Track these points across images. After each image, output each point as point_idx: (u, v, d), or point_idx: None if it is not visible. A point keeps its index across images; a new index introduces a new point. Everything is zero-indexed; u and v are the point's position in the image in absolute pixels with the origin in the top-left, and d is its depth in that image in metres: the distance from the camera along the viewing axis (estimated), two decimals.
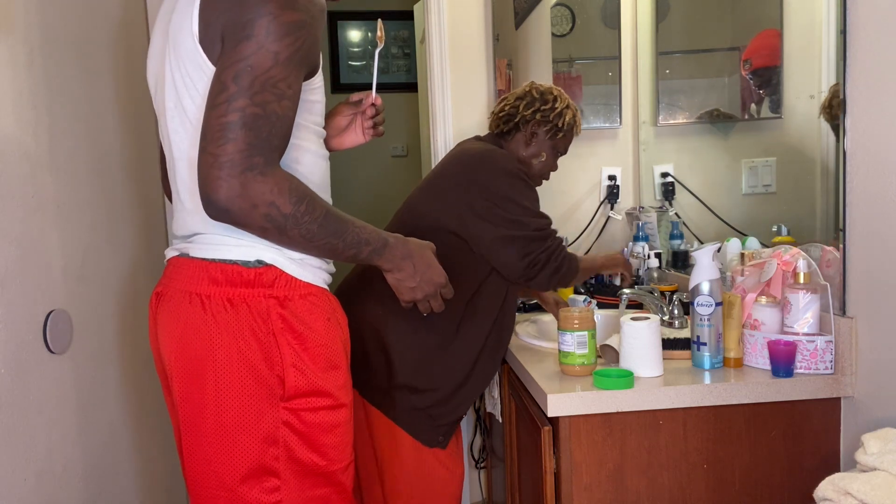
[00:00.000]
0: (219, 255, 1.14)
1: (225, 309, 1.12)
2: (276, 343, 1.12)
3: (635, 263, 2.29)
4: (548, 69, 2.45)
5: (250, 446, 1.13)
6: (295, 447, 1.15)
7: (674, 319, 1.84)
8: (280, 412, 1.13)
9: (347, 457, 1.24)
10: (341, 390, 1.21)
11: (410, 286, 1.27)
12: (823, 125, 1.51)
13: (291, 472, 1.15)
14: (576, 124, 1.85)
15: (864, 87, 1.29)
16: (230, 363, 1.11)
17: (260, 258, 1.14)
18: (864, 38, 1.28)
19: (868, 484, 1.01)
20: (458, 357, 1.70)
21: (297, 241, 1.09)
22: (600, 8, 2.45)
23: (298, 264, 1.17)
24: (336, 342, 1.21)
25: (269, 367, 1.12)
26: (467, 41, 2.46)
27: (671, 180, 2.29)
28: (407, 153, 5.39)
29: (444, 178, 1.74)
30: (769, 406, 1.37)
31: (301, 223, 1.06)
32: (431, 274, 1.28)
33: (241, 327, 1.11)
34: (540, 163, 1.83)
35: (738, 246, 1.79)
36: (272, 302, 1.13)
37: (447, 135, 2.47)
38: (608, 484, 1.36)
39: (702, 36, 2.17)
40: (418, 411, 1.68)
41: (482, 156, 1.72)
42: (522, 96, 1.82)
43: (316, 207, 1.08)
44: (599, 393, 1.33)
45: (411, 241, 1.27)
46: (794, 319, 1.38)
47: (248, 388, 1.12)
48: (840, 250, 1.37)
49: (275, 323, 1.13)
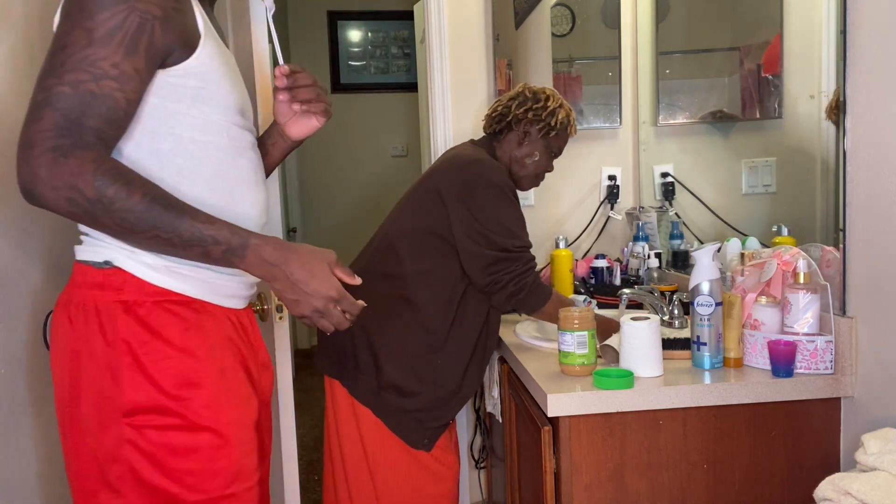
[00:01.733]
0: (78, 255, 1.10)
1: (77, 312, 1.06)
2: (117, 352, 1.04)
3: (635, 263, 2.29)
4: (548, 69, 2.45)
5: (93, 463, 1.06)
6: (140, 468, 1.05)
7: (674, 319, 1.84)
8: (123, 428, 1.04)
9: (216, 489, 1.09)
10: (203, 411, 1.08)
11: (291, 298, 1.08)
12: (823, 125, 1.51)
13: (137, 494, 1.05)
14: (570, 124, 1.83)
15: (864, 88, 1.29)
16: (79, 370, 1.05)
17: (108, 258, 1.06)
18: (864, 39, 1.28)
19: (868, 484, 1.01)
20: (449, 361, 1.71)
21: (119, 232, 0.99)
22: (600, 8, 2.45)
23: (152, 267, 1.07)
24: (196, 357, 1.08)
25: (112, 378, 1.04)
26: (467, 41, 2.46)
27: (671, 180, 2.29)
28: (407, 153, 5.39)
29: (434, 183, 1.74)
30: (769, 406, 1.37)
31: (112, 210, 0.96)
32: (317, 285, 1.07)
33: (90, 333, 1.05)
34: (533, 162, 1.82)
35: (738, 246, 1.79)
36: (118, 307, 1.05)
37: (447, 135, 2.47)
38: (608, 484, 1.36)
39: (702, 36, 2.17)
40: (406, 413, 1.68)
41: (472, 164, 1.71)
42: (515, 96, 1.83)
43: (133, 193, 0.96)
44: (599, 393, 1.33)
45: (294, 246, 1.08)
46: (794, 319, 1.38)
47: (91, 397, 1.05)
48: (840, 250, 1.37)
49: (120, 330, 1.04)
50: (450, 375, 1.71)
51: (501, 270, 1.65)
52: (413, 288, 1.69)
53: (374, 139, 5.36)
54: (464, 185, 1.68)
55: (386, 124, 5.38)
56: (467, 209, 1.66)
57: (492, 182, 1.67)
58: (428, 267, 1.70)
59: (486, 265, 1.65)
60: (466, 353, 1.73)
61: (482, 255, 1.65)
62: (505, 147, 1.82)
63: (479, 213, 1.65)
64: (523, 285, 1.66)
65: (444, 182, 1.71)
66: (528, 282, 1.67)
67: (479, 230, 1.65)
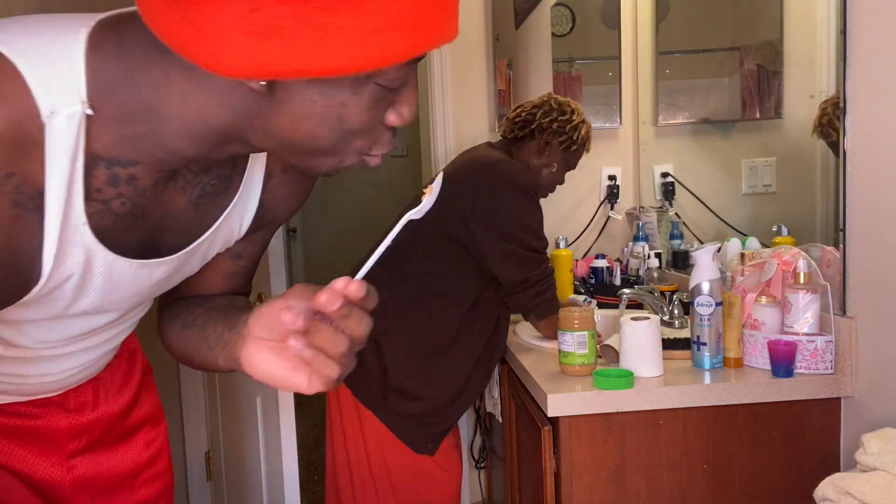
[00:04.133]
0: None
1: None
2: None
3: (635, 263, 2.29)
4: (548, 69, 2.45)
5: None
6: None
7: (674, 319, 1.84)
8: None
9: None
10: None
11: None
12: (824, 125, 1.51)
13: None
14: (589, 140, 1.84)
15: (864, 88, 1.29)
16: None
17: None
18: (864, 39, 1.28)
19: (868, 484, 1.01)
20: (454, 366, 1.70)
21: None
22: (600, 8, 2.45)
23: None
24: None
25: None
26: (467, 41, 2.46)
27: (671, 180, 2.29)
28: (407, 153, 5.39)
29: (452, 185, 1.66)
30: (769, 406, 1.37)
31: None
32: None
33: None
34: (550, 173, 1.82)
35: (738, 246, 1.79)
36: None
37: (447, 135, 2.47)
38: (608, 484, 1.36)
39: (702, 36, 2.17)
40: (410, 417, 1.68)
41: (494, 166, 1.69)
42: (540, 105, 1.80)
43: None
44: (599, 393, 1.33)
45: None
46: (794, 319, 1.38)
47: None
48: (840, 250, 1.37)
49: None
50: (454, 380, 1.71)
51: (532, 270, 1.66)
52: (422, 289, 1.68)
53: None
54: (491, 185, 1.66)
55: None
56: (496, 208, 1.64)
57: (517, 184, 1.67)
58: (439, 269, 1.69)
59: (518, 262, 1.65)
60: (472, 359, 1.72)
61: (514, 253, 1.64)
62: (524, 154, 1.81)
63: (507, 213, 1.64)
64: (549, 286, 1.68)
65: (465, 185, 1.67)
66: (552, 283, 1.69)
67: (508, 230, 1.64)
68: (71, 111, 0.61)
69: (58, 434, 0.96)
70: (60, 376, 0.90)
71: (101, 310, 0.78)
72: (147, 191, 0.69)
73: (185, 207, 0.76)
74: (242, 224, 0.84)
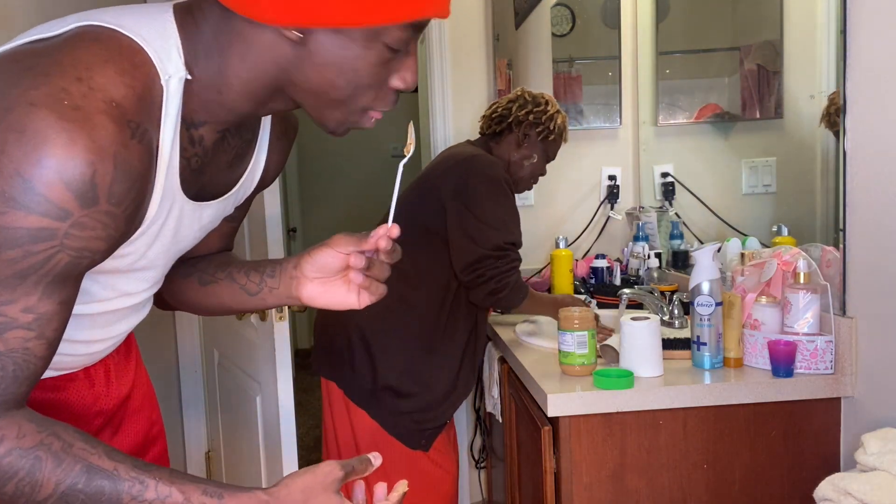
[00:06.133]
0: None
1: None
2: None
3: (635, 263, 2.29)
4: (548, 69, 2.45)
5: None
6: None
7: (674, 319, 1.84)
8: None
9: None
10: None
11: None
12: (823, 125, 1.51)
13: None
14: (565, 129, 1.88)
15: (864, 87, 1.29)
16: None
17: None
18: (864, 39, 1.28)
19: (868, 484, 1.01)
20: (444, 361, 1.72)
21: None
22: (600, 8, 2.45)
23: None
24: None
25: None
26: (467, 41, 2.46)
27: (671, 180, 2.29)
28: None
29: (430, 180, 1.77)
30: (769, 406, 1.37)
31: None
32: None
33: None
34: (530, 164, 1.86)
35: (738, 246, 1.79)
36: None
37: (447, 135, 2.47)
38: (608, 484, 1.36)
39: (702, 36, 2.17)
40: (402, 415, 1.68)
41: (468, 159, 1.74)
42: (514, 99, 1.85)
43: (41, 487, 0.70)
44: (599, 393, 1.33)
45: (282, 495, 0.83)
46: (794, 319, 1.38)
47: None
48: (840, 250, 1.37)
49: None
50: (444, 376, 1.71)
51: (486, 267, 1.66)
52: (409, 285, 1.70)
53: (374, 139, 5.35)
54: (461, 180, 1.70)
55: (386, 124, 5.36)
56: (463, 203, 1.67)
57: (488, 176, 1.70)
58: (423, 264, 1.71)
59: (472, 261, 1.66)
60: (459, 353, 1.74)
61: (470, 251, 1.66)
62: (503, 148, 1.85)
63: (475, 208, 1.67)
64: (505, 284, 1.68)
65: (441, 178, 1.74)
66: (510, 281, 1.68)
67: (473, 225, 1.66)
68: (180, 76, 0.74)
69: (85, 410, 1.01)
70: (103, 346, 0.96)
71: (153, 265, 0.88)
72: (209, 150, 0.82)
73: (223, 167, 0.87)
74: (252, 185, 0.96)
